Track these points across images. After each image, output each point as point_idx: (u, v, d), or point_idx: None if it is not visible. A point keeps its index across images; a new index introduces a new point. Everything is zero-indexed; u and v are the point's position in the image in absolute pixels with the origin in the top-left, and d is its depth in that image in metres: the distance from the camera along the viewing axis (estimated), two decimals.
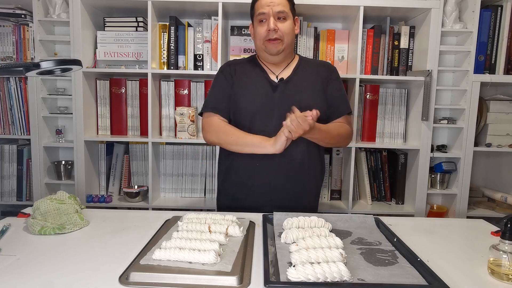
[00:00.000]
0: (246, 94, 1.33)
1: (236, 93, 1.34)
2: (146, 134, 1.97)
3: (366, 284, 0.76)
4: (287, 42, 1.30)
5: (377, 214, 1.29)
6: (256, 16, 1.31)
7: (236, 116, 1.34)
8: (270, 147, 1.21)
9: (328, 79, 1.37)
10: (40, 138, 1.97)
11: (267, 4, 1.27)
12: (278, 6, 1.26)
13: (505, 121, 1.98)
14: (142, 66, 1.97)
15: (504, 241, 0.80)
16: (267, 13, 1.27)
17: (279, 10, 1.26)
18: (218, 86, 1.38)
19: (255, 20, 1.32)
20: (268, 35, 1.28)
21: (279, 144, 1.19)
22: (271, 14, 1.26)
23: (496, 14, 1.88)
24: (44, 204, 1.07)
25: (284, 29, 1.28)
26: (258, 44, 1.34)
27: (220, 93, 1.37)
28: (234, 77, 1.36)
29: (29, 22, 1.96)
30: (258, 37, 1.32)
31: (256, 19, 1.31)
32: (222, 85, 1.37)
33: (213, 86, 1.40)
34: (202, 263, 0.80)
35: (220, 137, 1.31)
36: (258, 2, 1.30)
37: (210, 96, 1.39)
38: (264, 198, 1.32)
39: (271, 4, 1.26)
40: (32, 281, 0.76)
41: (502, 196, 1.99)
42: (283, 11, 1.27)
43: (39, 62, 0.88)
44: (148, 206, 1.97)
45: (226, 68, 1.39)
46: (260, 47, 1.33)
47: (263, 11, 1.27)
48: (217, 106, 1.36)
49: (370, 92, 2.02)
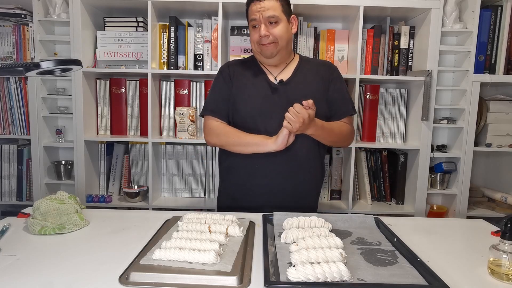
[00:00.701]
0: (245, 96, 1.33)
1: (235, 95, 1.34)
2: (146, 134, 1.97)
3: (366, 284, 0.76)
4: (281, 44, 1.30)
5: (377, 214, 1.30)
6: (249, 21, 1.32)
7: (236, 118, 1.34)
8: (272, 144, 1.23)
9: (330, 80, 1.37)
10: (40, 138, 1.97)
11: (257, 10, 1.27)
12: (267, 11, 1.26)
13: (505, 121, 1.98)
14: (142, 66, 1.97)
15: (504, 241, 0.80)
16: (257, 19, 1.27)
17: (269, 15, 1.26)
18: (217, 88, 1.39)
19: (250, 26, 1.33)
20: (260, 40, 1.29)
21: (280, 140, 1.21)
22: (261, 20, 1.27)
23: (496, 14, 1.88)
24: (44, 204, 1.07)
25: (276, 33, 1.28)
26: (253, 48, 1.36)
27: (219, 96, 1.37)
28: (233, 79, 1.36)
29: (29, 22, 1.96)
30: (252, 41, 1.34)
31: (250, 24, 1.32)
32: (221, 88, 1.38)
33: (212, 88, 1.41)
34: (202, 263, 0.80)
35: (221, 139, 1.32)
36: (250, 7, 1.30)
37: (210, 99, 1.40)
38: (264, 198, 1.32)
39: (261, 9, 1.26)
40: (32, 281, 0.76)
41: (502, 196, 1.99)
42: (273, 15, 1.26)
43: (39, 62, 0.88)
44: (148, 206, 1.97)
45: (226, 70, 1.40)
46: (255, 50, 1.35)
47: (254, 17, 1.28)
48: (215, 109, 1.36)
49: (370, 92, 2.02)
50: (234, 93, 1.35)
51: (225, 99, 1.36)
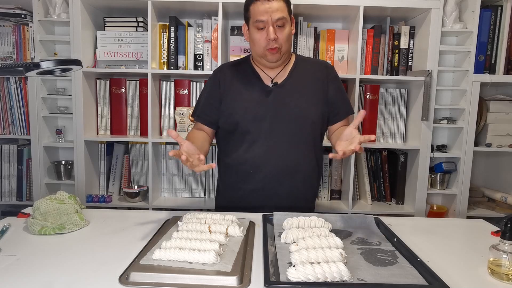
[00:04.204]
0: (238, 100, 1.30)
1: (227, 98, 1.32)
2: (146, 134, 1.97)
3: (366, 284, 0.76)
4: (285, 49, 1.26)
5: (377, 214, 1.29)
6: (253, 22, 1.22)
7: (228, 121, 1.31)
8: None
9: (328, 80, 1.33)
10: (40, 138, 1.97)
11: (266, 10, 1.18)
12: (276, 12, 1.18)
13: (505, 121, 1.98)
14: (142, 66, 1.97)
15: (504, 241, 0.80)
16: (265, 20, 1.19)
17: (279, 17, 1.18)
18: (206, 93, 1.37)
19: (252, 26, 1.24)
20: (268, 44, 1.21)
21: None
22: (270, 22, 1.19)
23: (496, 14, 1.88)
24: (44, 204, 1.07)
25: (283, 37, 1.22)
26: (256, 51, 1.27)
27: (206, 101, 1.35)
28: (222, 85, 1.33)
29: (29, 22, 1.96)
30: (258, 44, 1.24)
31: (253, 25, 1.23)
32: (209, 93, 1.35)
33: (202, 92, 1.39)
34: (202, 263, 0.80)
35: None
36: (254, 6, 1.21)
37: (198, 102, 1.39)
38: (258, 202, 1.31)
39: (270, 10, 1.17)
40: (32, 281, 0.76)
41: (502, 196, 1.99)
42: (282, 17, 1.19)
43: (39, 62, 0.88)
44: (148, 206, 1.97)
45: (217, 74, 1.36)
46: (260, 54, 1.27)
47: (261, 19, 1.19)
48: (200, 114, 1.36)
49: (370, 92, 2.02)
50: (226, 97, 1.32)
51: (211, 104, 1.34)
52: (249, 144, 1.29)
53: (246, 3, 1.26)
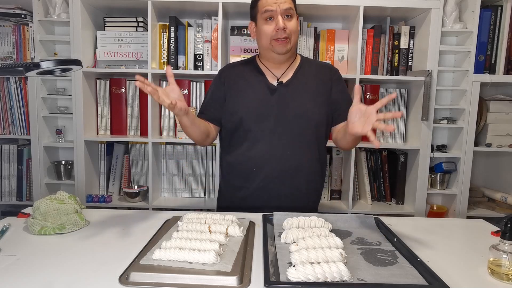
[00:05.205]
0: (243, 98, 1.31)
1: (231, 97, 1.33)
2: (146, 134, 1.97)
3: (366, 284, 0.76)
4: (293, 41, 1.27)
5: (377, 214, 1.29)
6: (261, 14, 1.25)
7: (232, 120, 1.31)
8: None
9: (331, 81, 1.34)
10: (40, 138, 1.97)
11: (274, 1, 1.22)
12: (285, 3, 1.22)
13: (505, 121, 1.98)
14: (142, 66, 1.97)
15: (504, 241, 0.80)
16: (274, 10, 1.22)
17: (287, 7, 1.22)
18: (210, 92, 1.39)
19: (260, 18, 1.26)
20: (276, 34, 1.23)
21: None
22: (279, 12, 1.22)
23: (496, 14, 1.88)
24: (44, 204, 1.07)
25: (291, 28, 1.24)
26: (264, 44, 1.28)
27: (210, 99, 1.38)
28: (227, 84, 1.34)
29: (29, 22, 1.96)
30: (265, 36, 1.25)
31: (261, 17, 1.25)
32: (214, 92, 1.37)
33: (208, 90, 1.42)
34: (202, 263, 0.80)
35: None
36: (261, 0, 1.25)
37: (204, 101, 1.41)
38: (260, 202, 1.31)
39: (278, 1, 1.22)
40: (32, 281, 0.76)
41: (502, 196, 1.99)
42: (290, 8, 1.23)
43: (39, 62, 0.89)
44: (148, 206, 1.97)
45: (222, 74, 1.38)
46: (267, 46, 1.28)
47: (270, 9, 1.22)
48: (204, 110, 1.37)
49: (370, 92, 2.02)
50: (230, 95, 1.33)
51: (215, 102, 1.35)
52: (251, 142, 1.29)
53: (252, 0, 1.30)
